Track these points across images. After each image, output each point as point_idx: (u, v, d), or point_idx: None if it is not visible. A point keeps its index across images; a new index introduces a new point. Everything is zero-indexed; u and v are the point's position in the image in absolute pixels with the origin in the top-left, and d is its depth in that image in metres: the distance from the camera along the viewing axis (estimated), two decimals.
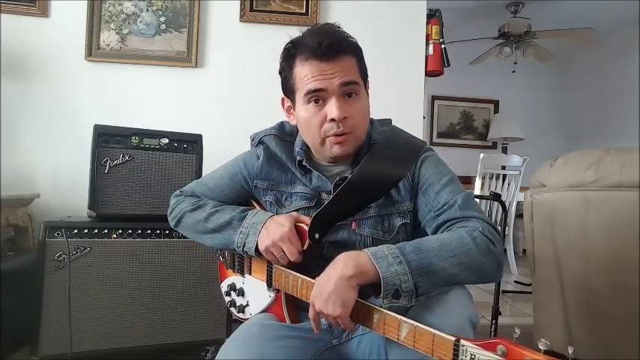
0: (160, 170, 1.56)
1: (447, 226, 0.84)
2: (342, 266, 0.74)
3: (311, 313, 0.78)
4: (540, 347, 0.54)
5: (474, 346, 0.57)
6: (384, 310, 0.71)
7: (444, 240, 0.78)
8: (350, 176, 0.89)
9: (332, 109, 0.86)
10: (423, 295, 0.73)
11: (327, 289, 0.74)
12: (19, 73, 2.00)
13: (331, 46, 0.85)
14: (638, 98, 4.21)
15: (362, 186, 0.89)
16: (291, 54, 0.90)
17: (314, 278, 0.80)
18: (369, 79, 0.97)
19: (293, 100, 0.94)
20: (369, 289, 0.75)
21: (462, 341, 0.59)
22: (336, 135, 0.87)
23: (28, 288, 1.41)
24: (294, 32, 0.92)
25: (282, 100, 0.98)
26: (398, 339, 0.68)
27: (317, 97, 0.87)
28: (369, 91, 0.98)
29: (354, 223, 0.91)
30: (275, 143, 1.00)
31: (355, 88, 0.88)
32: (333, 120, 0.86)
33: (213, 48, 2.17)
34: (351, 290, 0.73)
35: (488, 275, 0.80)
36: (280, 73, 0.95)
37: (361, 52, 0.93)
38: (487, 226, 0.81)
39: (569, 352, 0.55)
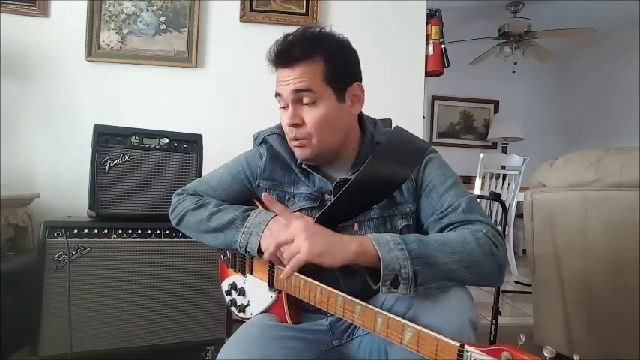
0: (160, 170, 1.56)
1: (450, 229, 0.84)
2: (348, 239, 0.76)
3: (271, 244, 0.80)
4: (545, 354, 0.53)
5: (479, 352, 0.57)
6: (387, 313, 0.70)
7: (447, 237, 0.79)
8: (353, 178, 0.89)
9: (285, 114, 0.91)
10: (421, 285, 0.72)
11: (322, 238, 0.75)
12: (19, 73, 2.00)
13: (281, 53, 0.88)
14: (638, 98, 4.22)
15: (365, 188, 0.89)
16: (267, 58, 0.93)
17: (316, 279, 0.80)
18: (364, 80, 0.96)
19: None
20: (368, 276, 0.75)
21: (467, 347, 0.58)
22: (294, 139, 0.91)
23: (28, 288, 1.41)
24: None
25: None
26: (401, 343, 0.67)
27: (281, 101, 0.92)
28: (366, 93, 0.96)
29: (356, 225, 0.91)
30: (278, 143, 1.00)
31: (309, 95, 0.87)
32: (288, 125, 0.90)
33: (213, 48, 2.17)
34: (342, 255, 0.73)
35: (488, 276, 0.80)
36: None
37: (339, 53, 0.90)
38: (491, 230, 0.81)
39: (575, 359, 0.55)
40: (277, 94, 0.91)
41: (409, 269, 0.71)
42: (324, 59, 0.88)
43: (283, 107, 0.92)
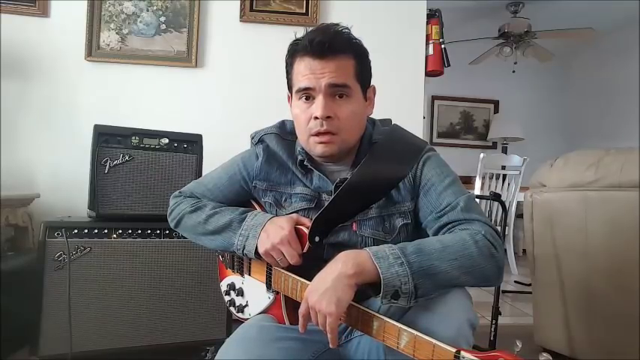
0: (159, 170, 1.56)
1: (448, 227, 0.84)
2: (341, 264, 0.74)
3: (302, 309, 0.76)
4: None
5: (475, 358, 0.57)
6: (384, 317, 0.70)
7: (446, 242, 0.78)
8: (349, 177, 0.89)
9: (317, 107, 0.86)
10: (422, 296, 0.72)
11: (324, 286, 0.73)
12: (19, 73, 2.00)
13: (322, 44, 0.85)
14: (638, 98, 4.21)
15: (362, 187, 0.88)
16: (292, 50, 0.91)
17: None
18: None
19: (291, 96, 0.95)
20: (368, 288, 0.75)
21: (463, 353, 0.58)
22: (319, 134, 0.87)
23: (28, 288, 1.41)
24: (301, 32, 0.92)
25: (289, 97, 0.98)
26: (397, 347, 0.67)
27: (307, 94, 0.88)
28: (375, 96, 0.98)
29: (354, 225, 0.90)
30: (276, 142, 0.99)
31: (345, 90, 0.87)
32: (317, 118, 0.86)
33: (213, 48, 2.17)
34: (348, 289, 0.72)
35: (488, 279, 0.79)
36: (286, 69, 0.95)
37: (364, 55, 0.92)
38: (489, 230, 0.81)
39: None
40: (306, 88, 0.87)
41: (410, 285, 0.71)
42: (355, 57, 0.89)
43: (306, 100, 0.88)
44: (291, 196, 0.97)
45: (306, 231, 0.86)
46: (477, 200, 0.90)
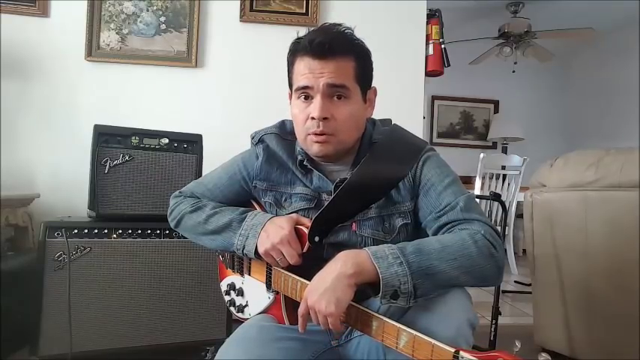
0: (160, 170, 1.56)
1: (448, 227, 0.84)
2: (341, 264, 0.74)
3: (301, 309, 0.77)
4: None
5: (474, 358, 0.57)
6: (383, 317, 0.70)
7: (445, 242, 0.78)
8: (349, 177, 0.89)
9: (314, 107, 0.86)
10: (421, 296, 0.72)
11: (323, 286, 0.73)
12: (19, 73, 2.00)
13: (322, 44, 0.84)
14: (638, 98, 4.21)
15: (362, 187, 0.88)
16: (294, 49, 0.91)
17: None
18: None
19: (292, 95, 0.95)
20: (367, 288, 0.75)
21: (462, 353, 0.58)
22: (316, 134, 0.87)
23: (28, 288, 1.41)
24: (304, 31, 0.92)
25: (290, 95, 0.98)
26: (397, 347, 0.67)
27: (305, 93, 0.88)
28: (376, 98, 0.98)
29: (354, 224, 0.90)
30: (276, 142, 0.99)
31: (343, 91, 0.87)
32: (314, 118, 0.86)
33: (213, 48, 2.17)
34: (347, 289, 0.72)
35: (488, 279, 0.80)
36: (287, 67, 0.95)
37: (366, 56, 0.92)
38: (489, 230, 0.81)
39: None
40: (304, 87, 0.87)
41: (409, 285, 0.71)
42: (355, 59, 0.89)
43: (305, 99, 0.88)
44: (291, 196, 0.97)
45: (306, 231, 0.86)
46: (477, 200, 0.90)
